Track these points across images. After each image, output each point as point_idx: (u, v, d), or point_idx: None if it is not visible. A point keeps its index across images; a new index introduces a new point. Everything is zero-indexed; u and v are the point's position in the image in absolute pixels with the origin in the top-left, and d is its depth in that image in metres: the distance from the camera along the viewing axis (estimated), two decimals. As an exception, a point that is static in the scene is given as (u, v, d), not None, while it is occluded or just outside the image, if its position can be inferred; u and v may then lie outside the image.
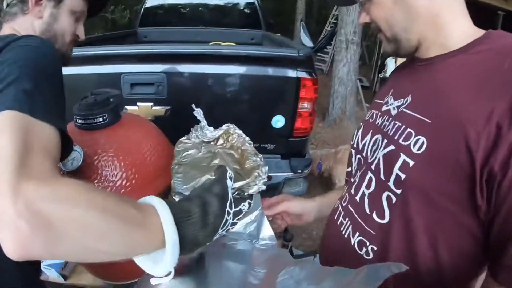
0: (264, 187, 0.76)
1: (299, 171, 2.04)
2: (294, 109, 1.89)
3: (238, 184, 0.72)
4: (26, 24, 0.80)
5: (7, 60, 0.57)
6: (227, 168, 0.63)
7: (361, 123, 0.82)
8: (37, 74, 0.58)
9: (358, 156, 0.78)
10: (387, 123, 0.68)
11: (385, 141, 0.66)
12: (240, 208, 0.67)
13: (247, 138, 0.95)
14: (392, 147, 0.63)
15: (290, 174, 2.05)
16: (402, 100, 0.67)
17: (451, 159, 0.53)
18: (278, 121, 1.93)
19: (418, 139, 0.58)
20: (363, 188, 0.71)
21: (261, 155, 0.90)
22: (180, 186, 0.75)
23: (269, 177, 2.07)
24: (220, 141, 0.97)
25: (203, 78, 1.80)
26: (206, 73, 1.79)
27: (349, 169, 0.84)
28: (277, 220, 0.94)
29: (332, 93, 4.24)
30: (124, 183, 1.11)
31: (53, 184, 0.42)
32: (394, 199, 0.62)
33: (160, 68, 1.75)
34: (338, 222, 0.77)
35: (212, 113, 2.02)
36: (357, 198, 0.72)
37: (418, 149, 0.57)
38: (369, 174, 0.69)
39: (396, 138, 0.63)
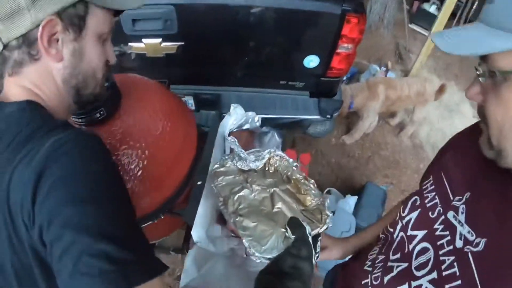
0: (331, 224, 0.75)
1: (328, 116, 1.82)
2: (332, 49, 1.58)
3: (314, 233, 0.70)
4: (40, 76, 0.55)
5: (51, 198, 0.40)
6: (304, 224, 0.64)
7: (417, 197, 0.69)
8: (102, 204, 0.42)
9: (402, 234, 0.69)
10: (446, 250, 0.56)
11: (434, 275, 0.56)
12: (318, 252, 0.68)
13: (290, 160, 0.88)
14: None
15: (317, 117, 1.85)
16: (474, 236, 0.51)
17: None
18: (312, 61, 1.64)
19: None
20: None
21: (312, 180, 0.84)
22: (258, 249, 0.69)
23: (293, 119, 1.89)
24: (260, 166, 0.88)
25: (221, 10, 1.44)
26: (225, 4, 1.42)
27: (391, 230, 0.74)
28: None
29: (371, -4, 3.55)
30: (136, 187, 0.98)
31: None
32: None
33: (167, -1, 1.38)
34: None
35: (232, 50, 1.73)
36: None
37: None
38: (406, 287, 0.61)
39: None
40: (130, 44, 1.50)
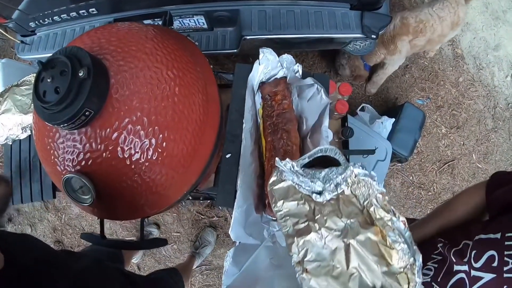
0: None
1: (374, 36, 1.48)
2: None
3: None
4: None
5: None
6: None
7: (494, 253, 0.59)
8: None
9: (464, 278, 0.62)
10: None
11: None
12: None
13: (374, 184, 0.61)
14: None
15: (359, 35, 1.50)
16: None
17: None
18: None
19: None
20: None
21: (402, 217, 0.60)
22: None
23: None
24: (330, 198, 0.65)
25: None
26: None
27: (453, 259, 0.66)
28: None
29: None
30: (158, 176, 0.79)
31: None
32: None
33: None
34: None
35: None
36: None
37: None
38: None
39: None
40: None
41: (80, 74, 0.65)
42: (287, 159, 0.67)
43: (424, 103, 2.29)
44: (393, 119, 1.91)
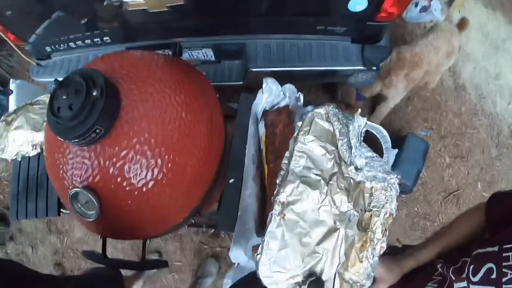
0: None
1: (374, 67, 1.54)
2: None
3: None
4: None
5: None
6: None
7: (492, 266, 0.58)
8: None
9: None
10: None
11: None
12: None
13: (394, 204, 0.64)
14: None
15: (360, 68, 1.56)
16: None
17: None
18: (358, 4, 1.31)
19: None
20: None
21: (384, 244, 0.62)
22: (266, 274, 0.56)
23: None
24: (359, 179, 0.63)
25: None
26: None
27: (453, 277, 0.65)
28: None
29: None
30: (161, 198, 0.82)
31: None
32: None
33: None
34: None
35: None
36: None
37: None
38: None
39: None
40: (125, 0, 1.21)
41: (93, 94, 0.69)
42: (361, 117, 0.64)
43: (427, 133, 2.32)
44: (396, 150, 1.93)
